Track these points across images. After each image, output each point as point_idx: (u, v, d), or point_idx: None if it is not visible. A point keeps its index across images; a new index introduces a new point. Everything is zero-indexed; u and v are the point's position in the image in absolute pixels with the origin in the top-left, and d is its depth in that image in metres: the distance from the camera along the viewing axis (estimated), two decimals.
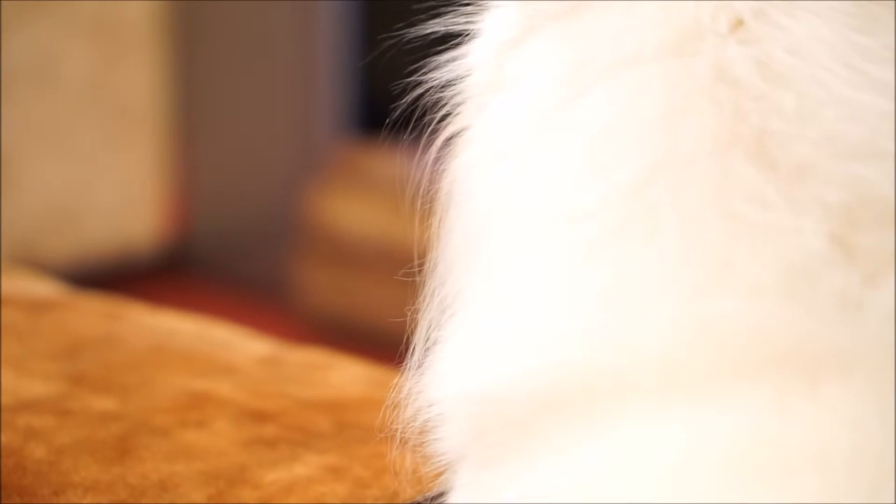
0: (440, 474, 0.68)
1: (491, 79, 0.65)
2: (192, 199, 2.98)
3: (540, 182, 0.61)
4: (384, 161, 2.50)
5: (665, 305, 0.57)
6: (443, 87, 0.68)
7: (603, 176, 0.59)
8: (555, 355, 0.59)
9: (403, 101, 0.68)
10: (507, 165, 0.63)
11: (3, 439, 0.86)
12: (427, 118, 0.68)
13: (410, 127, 0.69)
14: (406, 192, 0.70)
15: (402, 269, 0.71)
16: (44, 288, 1.13)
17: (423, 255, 0.70)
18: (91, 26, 2.81)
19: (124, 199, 2.94)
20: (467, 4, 0.67)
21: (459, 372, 0.64)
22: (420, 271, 0.70)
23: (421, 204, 0.69)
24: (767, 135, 0.57)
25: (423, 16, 0.68)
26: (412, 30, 0.68)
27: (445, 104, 0.68)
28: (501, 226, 0.63)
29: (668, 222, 0.57)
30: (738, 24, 0.59)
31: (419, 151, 0.69)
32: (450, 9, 0.67)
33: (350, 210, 2.64)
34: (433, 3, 0.68)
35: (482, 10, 0.67)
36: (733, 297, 0.55)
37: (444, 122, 0.68)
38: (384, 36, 0.70)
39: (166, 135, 2.96)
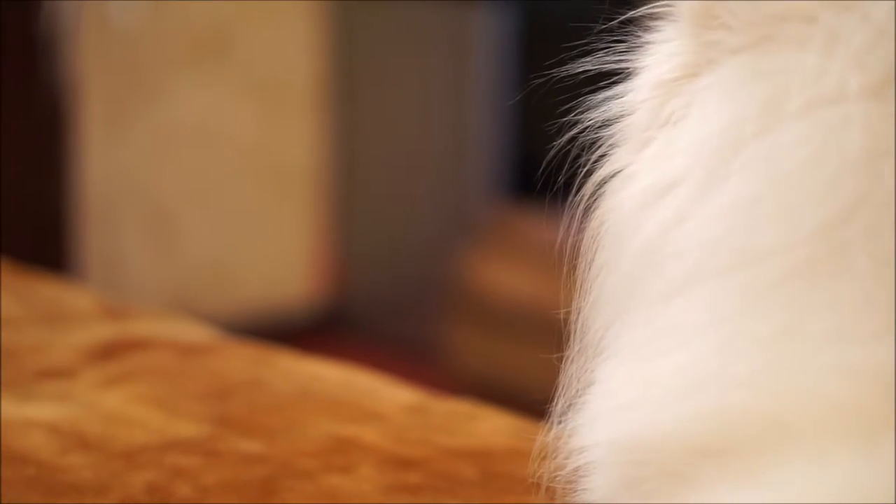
0: None
1: (655, 115, 0.64)
2: (345, 259, 3.01)
3: (715, 220, 0.60)
4: (536, 224, 2.49)
5: (840, 349, 0.55)
6: (599, 126, 0.66)
7: (792, 214, 0.58)
8: (718, 401, 0.57)
9: (558, 142, 0.67)
10: (674, 202, 0.61)
11: (150, 477, 0.86)
12: (582, 159, 0.67)
13: (563, 186, 0.68)
14: (558, 255, 0.68)
15: (552, 332, 0.69)
16: (196, 332, 1.14)
17: (572, 304, 0.68)
18: (251, 89, 2.86)
19: (280, 258, 2.97)
20: (623, 42, 0.66)
21: (612, 418, 0.62)
22: (569, 319, 0.69)
23: (573, 262, 0.68)
24: None
25: (576, 58, 0.66)
26: (564, 68, 0.66)
27: (602, 144, 0.66)
28: (665, 265, 0.61)
29: (859, 263, 0.56)
30: None
31: (572, 196, 0.68)
32: (604, 47, 0.66)
33: (501, 272, 2.63)
34: (588, 43, 0.66)
35: (640, 46, 0.66)
36: None
37: (600, 163, 0.67)
38: (535, 74, 0.69)
39: (322, 196, 2.99)
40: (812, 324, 0.56)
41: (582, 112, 0.66)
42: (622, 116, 0.66)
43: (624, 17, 0.65)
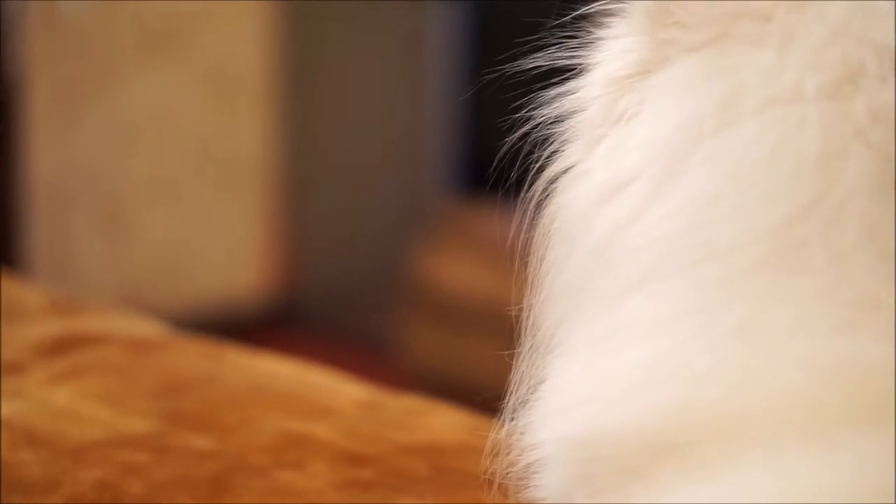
0: None
1: (608, 111, 0.64)
2: (298, 254, 3.00)
3: (674, 216, 0.60)
4: (489, 219, 2.49)
5: (800, 343, 0.55)
6: (552, 122, 0.66)
7: (751, 211, 0.58)
8: (676, 396, 0.57)
9: (510, 138, 0.67)
10: (629, 199, 0.61)
11: (100, 474, 0.85)
12: (535, 155, 0.67)
13: (515, 182, 0.68)
14: (511, 251, 0.68)
15: (505, 328, 0.69)
16: (147, 328, 1.13)
17: (524, 301, 0.68)
18: (203, 81, 2.84)
19: (232, 251, 2.96)
20: (576, 38, 0.66)
21: (564, 414, 0.62)
22: (521, 315, 0.69)
23: (524, 258, 0.68)
24: None
25: (529, 54, 0.66)
26: (517, 63, 0.66)
27: (554, 140, 0.66)
28: (619, 262, 0.61)
29: (818, 259, 0.56)
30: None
31: (523, 192, 0.68)
32: (556, 43, 0.66)
33: (454, 267, 2.63)
34: (541, 38, 0.66)
35: (593, 43, 0.66)
36: (875, 338, 0.54)
37: (553, 159, 0.66)
38: (488, 70, 0.69)
39: (275, 189, 2.98)
40: (771, 319, 0.56)
41: (535, 108, 0.66)
42: (575, 113, 0.65)
43: (577, 13, 0.65)
